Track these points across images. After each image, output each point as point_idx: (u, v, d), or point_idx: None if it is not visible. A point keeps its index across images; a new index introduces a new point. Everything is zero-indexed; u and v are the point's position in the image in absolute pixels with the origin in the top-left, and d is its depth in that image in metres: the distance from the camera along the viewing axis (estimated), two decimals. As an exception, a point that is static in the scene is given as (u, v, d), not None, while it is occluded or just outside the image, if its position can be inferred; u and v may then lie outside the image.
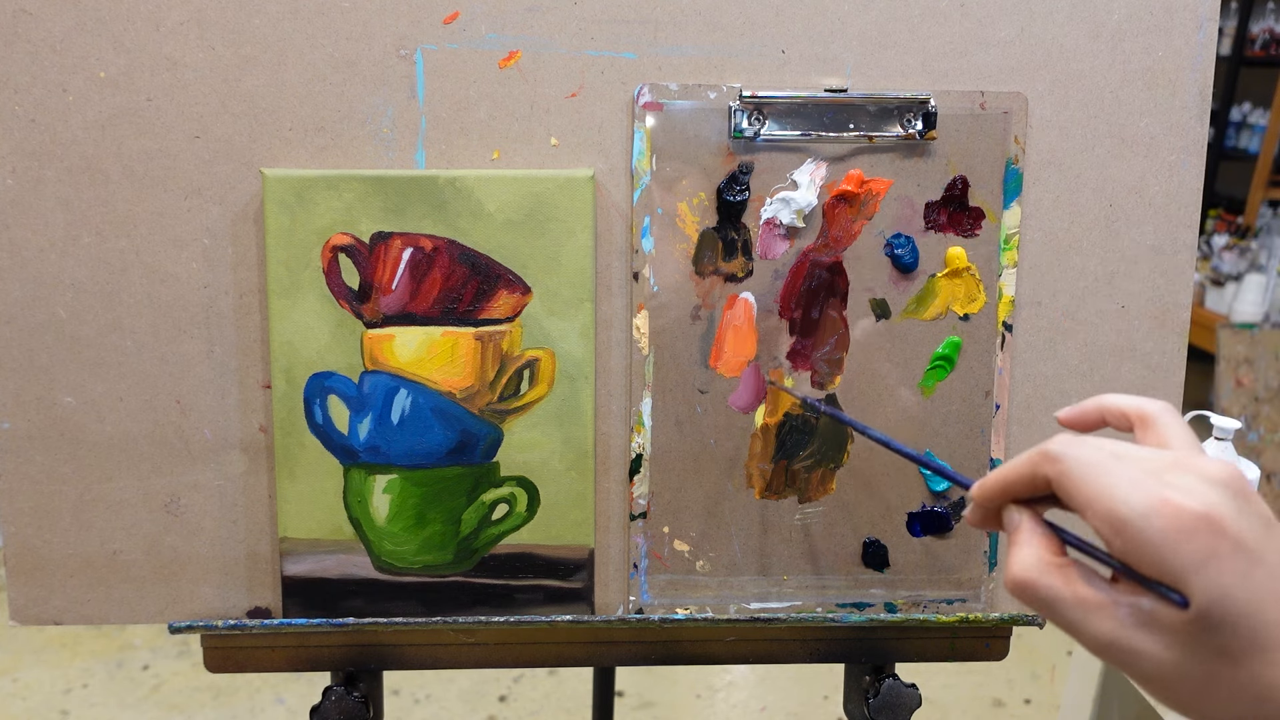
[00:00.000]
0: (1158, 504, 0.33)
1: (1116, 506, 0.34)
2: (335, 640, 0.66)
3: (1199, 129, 0.62)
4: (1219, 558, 0.33)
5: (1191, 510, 0.33)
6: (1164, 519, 0.33)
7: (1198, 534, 0.33)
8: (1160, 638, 0.34)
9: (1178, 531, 0.33)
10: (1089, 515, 0.35)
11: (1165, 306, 0.64)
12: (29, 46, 0.57)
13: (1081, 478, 0.35)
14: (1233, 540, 0.33)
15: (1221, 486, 0.34)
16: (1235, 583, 0.32)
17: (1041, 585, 0.36)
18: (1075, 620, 0.36)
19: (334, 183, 0.58)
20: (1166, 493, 0.33)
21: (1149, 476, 0.34)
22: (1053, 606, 0.36)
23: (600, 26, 0.59)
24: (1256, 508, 0.34)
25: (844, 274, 0.62)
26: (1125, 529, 0.34)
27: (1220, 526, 0.33)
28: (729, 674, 1.97)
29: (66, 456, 0.61)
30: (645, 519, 0.64)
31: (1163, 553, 0.33)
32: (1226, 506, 0.33)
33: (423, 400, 0.61)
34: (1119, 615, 0.35)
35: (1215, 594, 0.32)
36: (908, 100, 0.60)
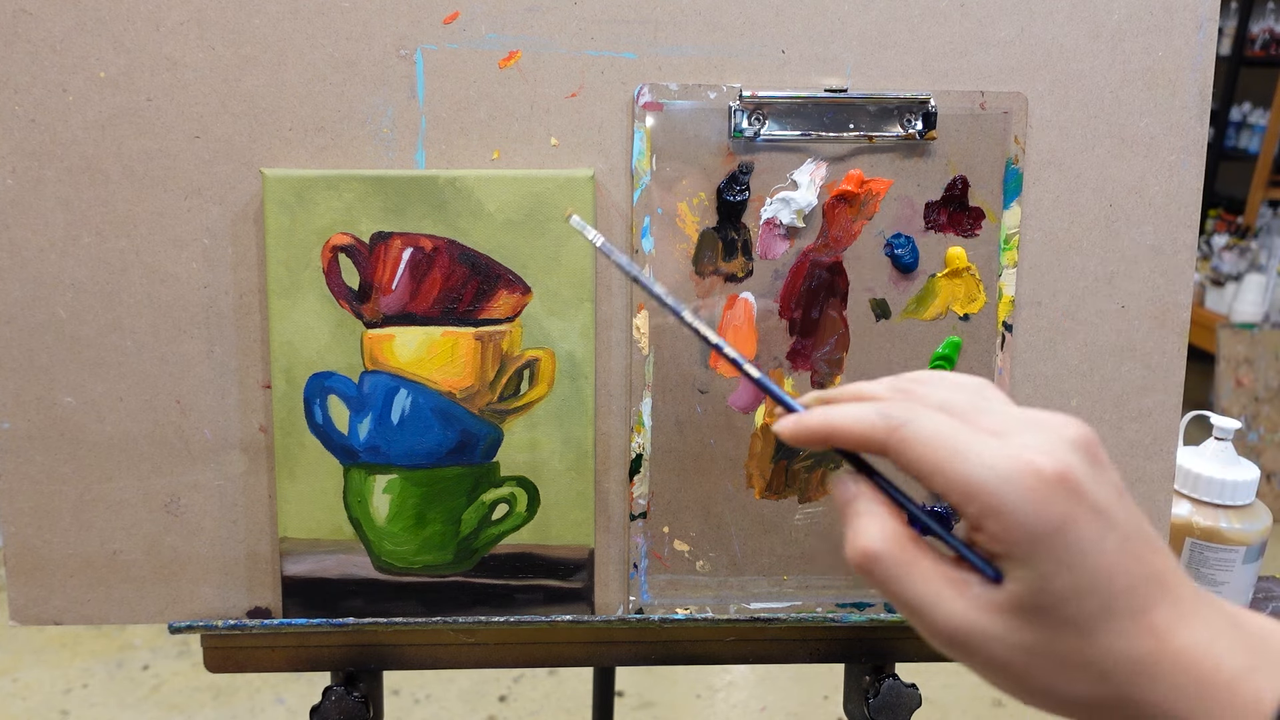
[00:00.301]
0: (1016, 464, 0.31)
1: (970, 470, 0.32)
2: (335, 640, 0.66)
3: (1199, 129, 0.62)
4: (1075, 522, 0.31)
5: (1050, 472, 0.31)
6: (1022, 482, 0.31)
7: (1055, 498, 0.31)
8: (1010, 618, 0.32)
9: (1035, 492, 0.31)
10: (936, 481, 0.33)
11: (1165, 306, 0.64)
12: (29, 46, 0.57)
13: (926, 446, 0.33)
14: (1090, 504, 0.31)
15: (1080, 449, 0.32)
16: (1089, 548, 0.31)
17: (891, 558, 0.34)
18: (925, 600, 0.33)
19: (334, 183, 0.59)
20: (1023, 453, 0.32)
21: (999, 438, 0.33)
22: (901, 583, 0.34)
23: (600, 26, 0.59)
24: (1111, 474, 0.33)
25: (844, 274, 0.62)
26: (979, 493, 0.32)
27: (1078, 490, 0.31)
28: (729, 674, 1.97)
29: (66, 456, 0.61)
30: (645, 519, 0.64)
31: (1019, 517, 0.31)
32: (1084, 469, 0.32)
33: (423, 400, 0.61)
34: (970, 593, 0.33)
35: (1070, 560, 0.31)
36: (908, 100, 0.60)
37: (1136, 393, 0.65)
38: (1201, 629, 0.32)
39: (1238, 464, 0.83)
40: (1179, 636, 0.31)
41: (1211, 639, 0.31)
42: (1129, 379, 0.65)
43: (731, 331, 0.62)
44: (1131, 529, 0.32)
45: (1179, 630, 0.31)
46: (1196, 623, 0.32)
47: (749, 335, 0.62)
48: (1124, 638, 0.31)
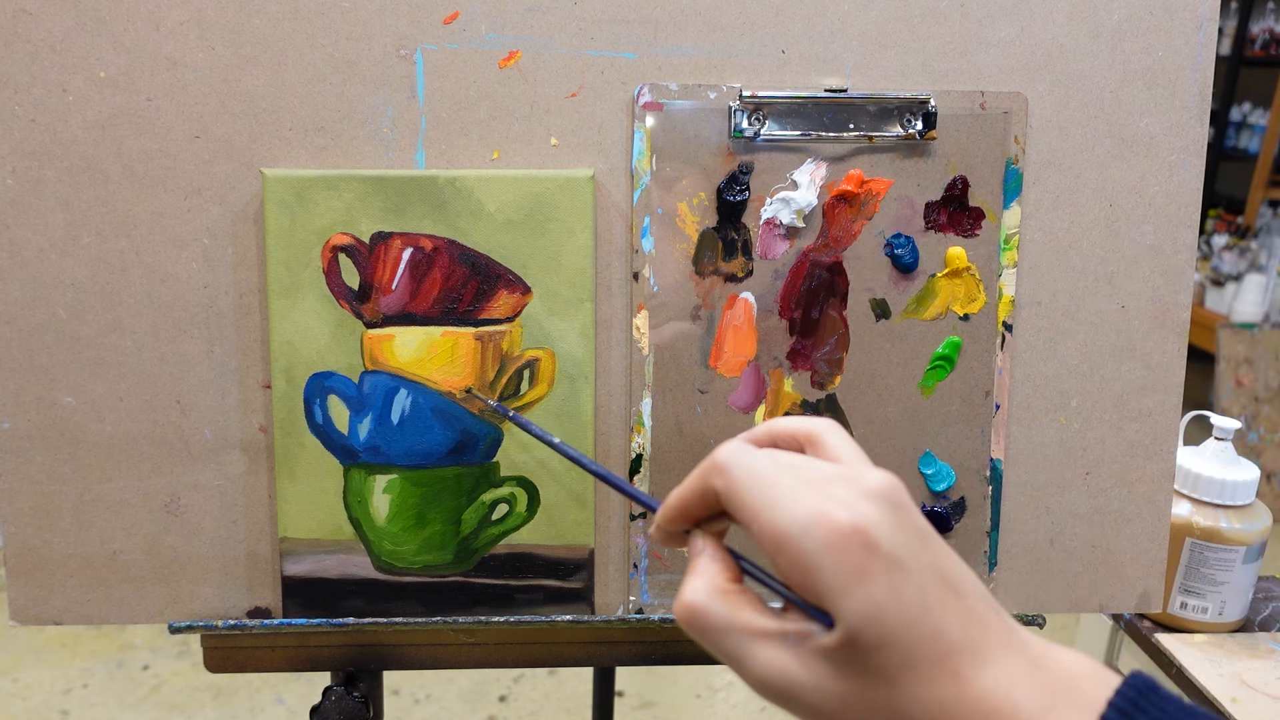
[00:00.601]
0: (815, 516, 0.32)
1: (779, 519, 0.33)
2: (335, 640, 0.66)
3: (1199, 129, 0.62)
4: (871, 575, 0.32)
5: (846, 523, 0.32)
6: (819, 533, 0.32)
7: (850, 550, 0.32)
8: (823, 666, 0.33)
9: (832, 547, 0.32)
10: (753, 528, 0.34)
11: (1165, 306, 0.64)
12: (29, 46, 0.57)
13: (746, 489, 0.34)
14: (885, 557, 0.32)
15: (879, 500, 0.33)
16: (886, 600, 0.32)
17: (708, 611, 0.35)
18: (739, 650, 0.34)
19: (334, 183, 0.59)
20: (824, 504, 0.32)
21: (810, 488, 0.33)
22: (719, 635, 0.34)
23: (600, 26, 0.59)
24: (913, 519, 0.33)
25: (844, 274, 0.62)
26: (786, 544, 0.32)
27: (873, 542, 0.32)
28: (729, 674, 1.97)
29: (66, 456, 0.61)
30: (645, 519, 0.64)
31: (819, 569, 0.32)
32: (881, 520, 0.32)
33: (423, 400, 0.61)
34: (785, 644, 0.33)
35: (869, 612, 0.31)
36: (908, 100, 0.60)
37: (1136, 393, 0.65)
38: (1002, 672, 0.32)
39: (1238, 464, 0.83)
40: (979, 681, 0.32)
41: (1011, 682, 0.32)
42: (1129, 379, 0.65)
43: (731, 331, 0.62)
44: (931, 576, 0.33)
45: (979, 675, 0.32)
46: (997, 667, 0.32)
47: (749, 335, 0.62)
48: (926, 685, 0.32)
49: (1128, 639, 0.90)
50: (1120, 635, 0.94)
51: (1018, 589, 0.66)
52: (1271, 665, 0.81)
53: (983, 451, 0.64)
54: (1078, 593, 0.67)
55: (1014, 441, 0.65)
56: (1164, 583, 0.70)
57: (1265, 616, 0.88)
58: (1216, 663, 0.81)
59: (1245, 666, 0.81)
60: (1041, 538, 0.66)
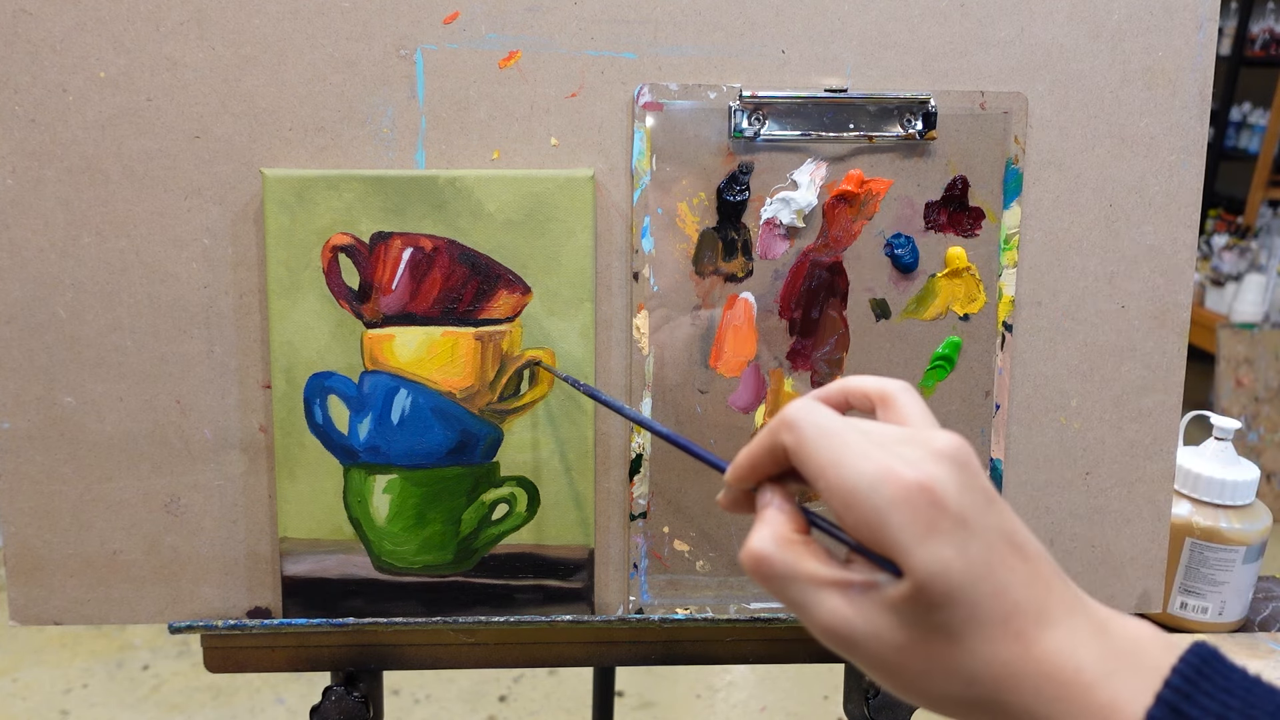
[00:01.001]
0: (883, 473, 0.33)
1: (845, 475, 0.33)
2: (335, 640, 0.66)
3: (1199, 129, 0.62)
4: (937, 530, 0.32)
5: (913, 480, 0.32)
6: (888, 490, 0.32)
7: (918, 506, 0.32)
8: (886, 617, 0.33)
9: (901, 502, 0.32)
10: (820, 484, 0.34)
11: (1165, 306, 0.64)
12: (29, 46, 0.57)
13: (815, 445, 0.35)
14: (953, 514, 0.32)
15: (946, 460, 0.33)
16: (952, 556, 0.32)
17: (774, 559, 0.35)
18: (804, 598, 0.35)
19: (334, 183, 0.59)
20: (892, 462, 0.33)
21: (878, 447, 0.34)
22: (784, 582, 0.35)
23: (600, 26, 0.59)
24: (979, 482, 0.34)
25: (844, 274, 0.62)
26: (852, 499, 0.33)
27: (939, 499, 0.32)
28: (729, 674, 1.97)
29: (66, 456, 0.61)
30: (645, 519, 0.64)
31: (886, 524, 0.32)
32: (948, 479, 0.33)
33: (423, 400, 0.61)
34: (849, 594, 0.34)
35: (935, 567, 0.32)
36: (908, 100, 0.60)
37: (1136, 393, 0.65)
38: (1065, 635, 0.33)
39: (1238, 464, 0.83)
40: (1042, 642, 0.32)
41: (1074, 645, 0.32)
42: (1129, 379, 0.65)
43: (731, 331, 0.62)
44: (998, 537, 0.33)
45: (1042, 636, 0.32)
46: (1060, 629, 0.33)
47: (749, 335, 0.62)
48: (989, 643, 0.32)
49: (1128, 639, 0.90)
50: (1120, 635, 0.94)
51: (1018, 589, 0.66)
52: (1271, 665, 0.81)
53: (983, 451, 0.64)
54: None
55: (1014, 441, 0.65)
56: (1164, 583, 0.70)
57: (1265, 616, 0.88)
58: (1216, 663, 0.81)
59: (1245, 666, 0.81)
60: (1041, 538, 0.66)
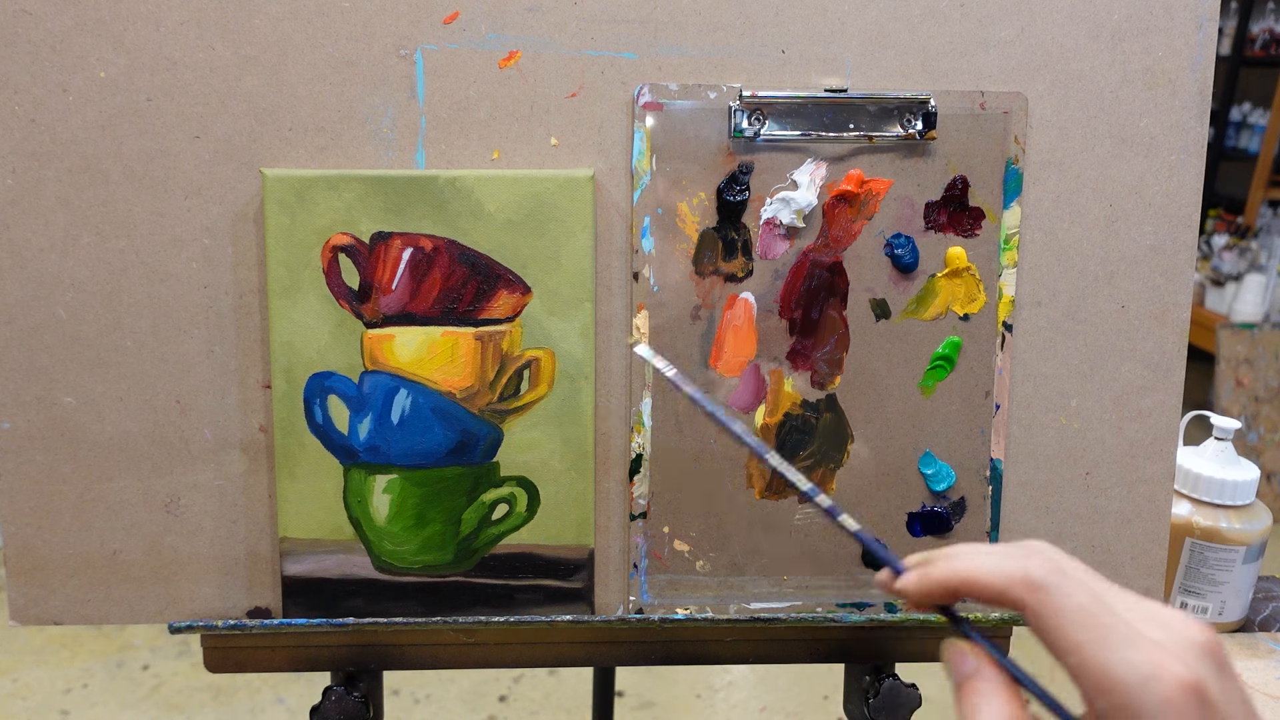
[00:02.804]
0: (1155, 670, 0.31)
1: (1112, 665, 0.32)
2: (335, 640, 0.66)
3: (1199, 129, 0.62)
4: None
5: (1187, 682, 0.31)
6: (1161, 689, 0.31)
7: (1188, 707, 0.31)
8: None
9: (1171, 703, 0.31)
10: (1071, 662, 0.33)
11: (1165, 306, 0.64)
12: (29, 46, 0.57)
13: (1071, 622, 0.33)
14: (1221, 717, 0.31)
15: (1208, 656, 0.33)
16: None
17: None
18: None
19: (334, 183, 0.59)
20: (1163, 659, 0.32)
21: (1140, 639, 0.32)
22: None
23: (600, 26, 0.59)
24: (1237, 683, 0.33)
25: (844, 274, 0.62)
26: (1116, 692, 0.32)
27: (1210, 703, 0.31)
28: (729, 674, 1.97)
29: (66, 456, 0.61)
30: (645, 519, 0.64)
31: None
32: (1214, 680, 0.32)
33: (423, 400, 0.61)
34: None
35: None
36: (908, 100, 0.60)
37: (1136, 393, 0.65)
38: None
39: (1238, 464, 0.83)
40: None
41: None
42: (1129, 379, 0.65)
43: (731, 331, 0.62)
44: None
45: None
46: None
47: (749, 335, 0.62)
48: None
49: (1128, 639, 0.90)
50: (1120, 635, 0.94)
51: (1018, 589, 0.66)
52: (1271, 665, 0.81)
53: (983, 451, 0.64)
54: (1078, 593, 0.67)
55: (1014, 441, 0.65)
56: (1164, 583, 0.70)
57: (1265, 616, 0.88)
58: (1216, 663, 0.81)
59: (1245, 666, 0.81)
60: (1041, 538, 0.66)
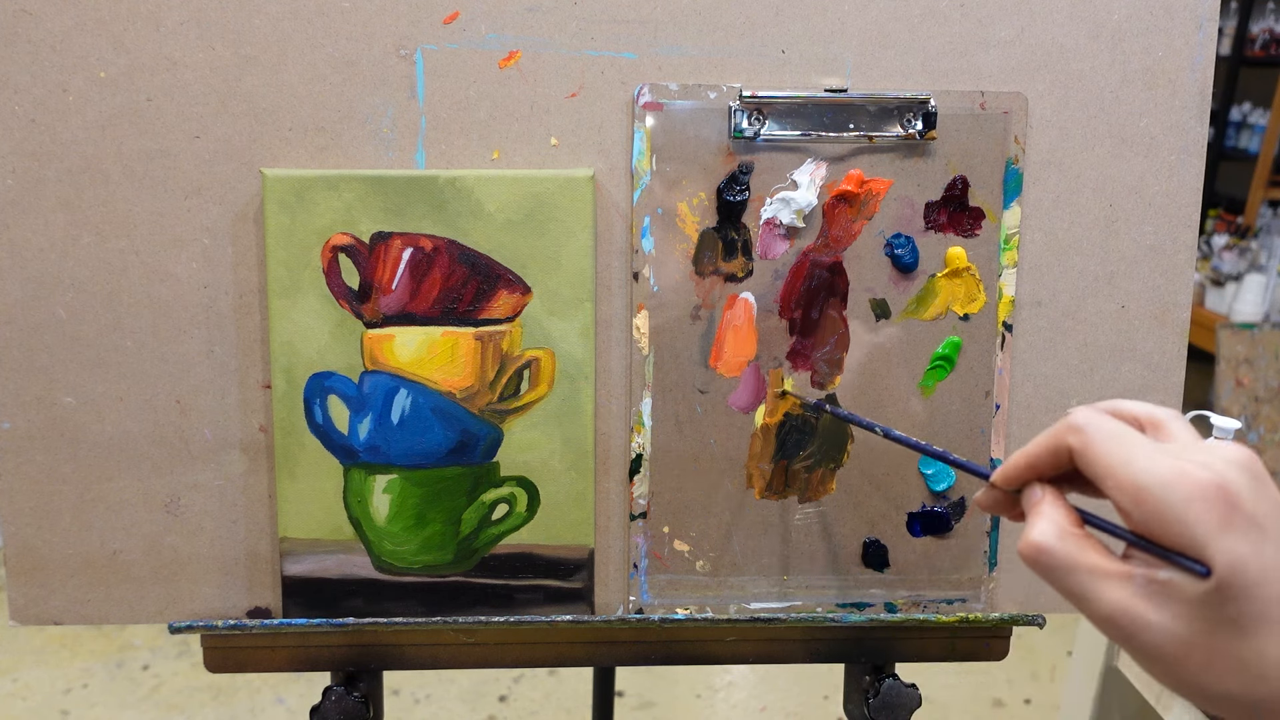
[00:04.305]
0: (1177, 474, 0.34)
1: (1137, 474, 0.35)
2: (335, 640, 0.66)
3: (1199, 129, 0.62)
4: (1235, 528, 0.33)
5: (1208, 480, 0.34)
6: (1183, 487, 0.34)
7: (1215, 503, 0.33)
8: (1172, 608, 0.34)
9: (1197, 499, 0.34)
10: (1108, 484, 0.36)
11: (1165, 306, 0.64)
12: (29, 46, 0.57)
13: (1104, 447, 0.36)
14: (1247, 513, 0.34)
15: (1238, 465, 0.35)
16: (1250, 553, 0.33)
17: (1057, 550, 0.37)
18: (1087, 588, 0.36)
19: (334, 183, 0.59)
20: (1184, 465, 0.34)
21: (1166, 454, 0.35)
22: (1066, 572, 0.37)
23: (600, 26, 0.59)
24: (1270, 491, 0.35)
25: (844, 274, 0.62)
26: (1145, 497, 0.35)
27: (1235, 498, 0.34)
28: (729, 674, 1.97)
29: (66, 456, 0.61)
30: (645, 519, 0.64)
31: (1184, 520, 0.34)
32: (1242, 481, 0.34)
33: (423, 400, 0.61)
34: (1133, 585, 0.35)
35: (1233, 561, 0.33)
36: (908, 100, 0.60)
37: (1136, 393, 0.65)
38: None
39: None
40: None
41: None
42: (1129, 379, 0.65)
43: (731, 331, 0.62)
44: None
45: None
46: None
47: (749, 335, 0.62)
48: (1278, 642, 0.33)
49: (1128, 639, 0.90)
50: (1120, 635, 0.94)
51: (1018, 589, 0.66)
52: (1271, 665, 0.81)
53: (983, 451, 0.64)
54: (1078, 593, 0.67)
55: (1014, 441, 0.65)
56: (1164, 583, 0.69)
57: (1265, 616, 0.88)
58: (1216, 663, 0.81)
59: None
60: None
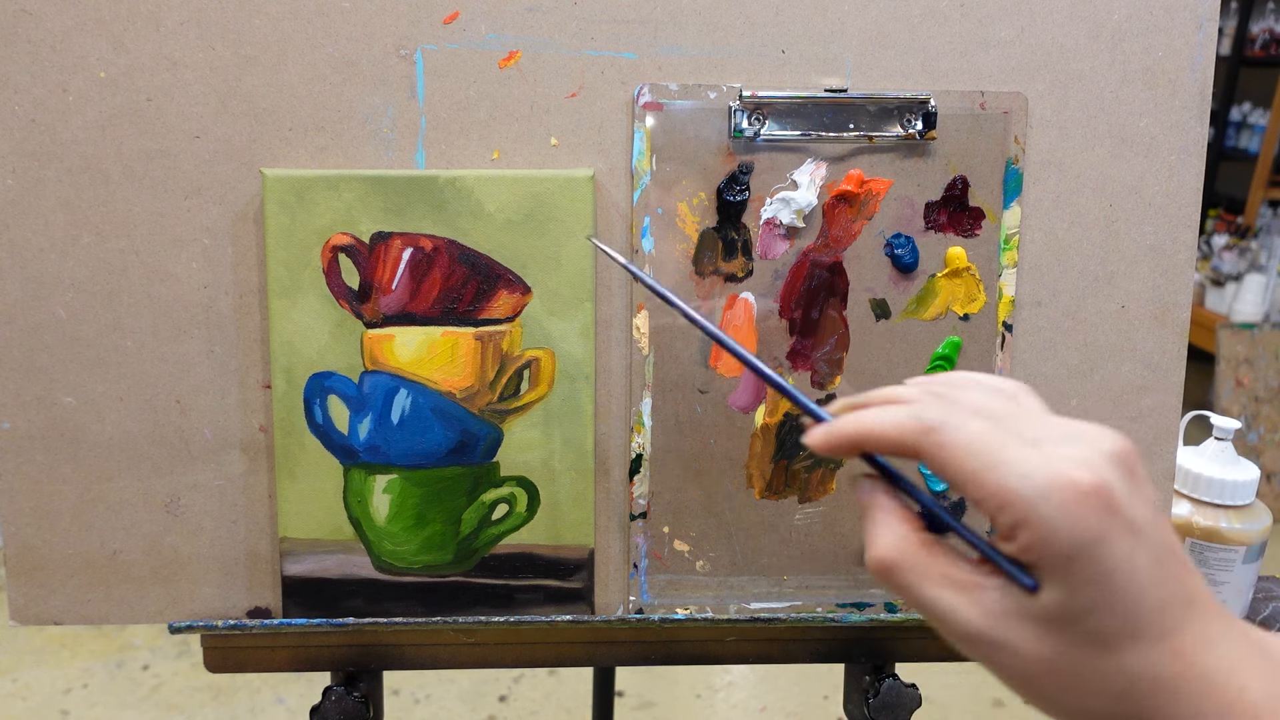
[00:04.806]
0: (1053, 479, 0.31)
1: (1006, 481, 0.31)
2: (335, 640, 0.66)
3: (1199, 129, 0.62)
4: (1109, 538, 0.31)
5: (1088, 485, 0.31)
6: (1058, 495, 0.31)
7: (1091, 511, 0.31)
8: (1030, 626, 0.32)
9: (1072, 505, 0.31)
10: (970, 490, 0.33)
11: (1165, 306, 0.64)
12: (29, 46, 0.57)
13: (964, 453, 0.33)
14: (1124, 520, 0.31)
15: (1118, 463, 0.32)
16: (1120, 563, 0.31)
17: (906, 565, 0.34)
18: (940, 605, 0.33)
19: (334, 183, 0.59)
20: (1062, 466, 0.31)
21: (1035, 447, 0.32)
22: (918, 589, 0.34)
23: (600, 26, 0.59)
24: (1147, 490, 0.33)
25: (844, 274, 0.62)
26: (1014, 506, 0.31)
27: (1114, 505, 0.31)
28: (729, 674, 1.97)
29: (66, 456, 0.61)
30: (645, 519, 0.64)
31: (1053, 531, 0.31)
32: (1121, 484, 0.32)
33: (423, 400, 0.61)
34: (988, 600, 0.33)
35: (1101, 574, 0.31)
36: (908, 100, 0.60)
37: (1136, 393, 0.65)
38: (1227, 653, 0.31)
39: (1238, 464, 0.83)
40: (1205, 660, 0.31)
41: (1236, 664, 0.31)
42: (1129, 379, 0.65)
43: (731, 332, 0.62)
44: (1164, 548, 0.32)
45: (1205, 654, 0.31)
46: (1223, 646, 0.31)
47: (749, 335, 0.62)
48: (1147, 658, 0.31)
49: (1128, 639, 0.90)
50: (1120, 635, 0.94)
51: (1018, 589, 0.66)
52: (1271, 665, 0.81)
53: (983, 451, 0.64)
54: (1078, 593, 0.67)
55: (1014, 441, 0.65)
56: (1164, 583, 0.69)
57: (1265, 616, 0.88)
58: (1216, 663, 0.81)
59: None
60: (1041, 538, 0.66)
